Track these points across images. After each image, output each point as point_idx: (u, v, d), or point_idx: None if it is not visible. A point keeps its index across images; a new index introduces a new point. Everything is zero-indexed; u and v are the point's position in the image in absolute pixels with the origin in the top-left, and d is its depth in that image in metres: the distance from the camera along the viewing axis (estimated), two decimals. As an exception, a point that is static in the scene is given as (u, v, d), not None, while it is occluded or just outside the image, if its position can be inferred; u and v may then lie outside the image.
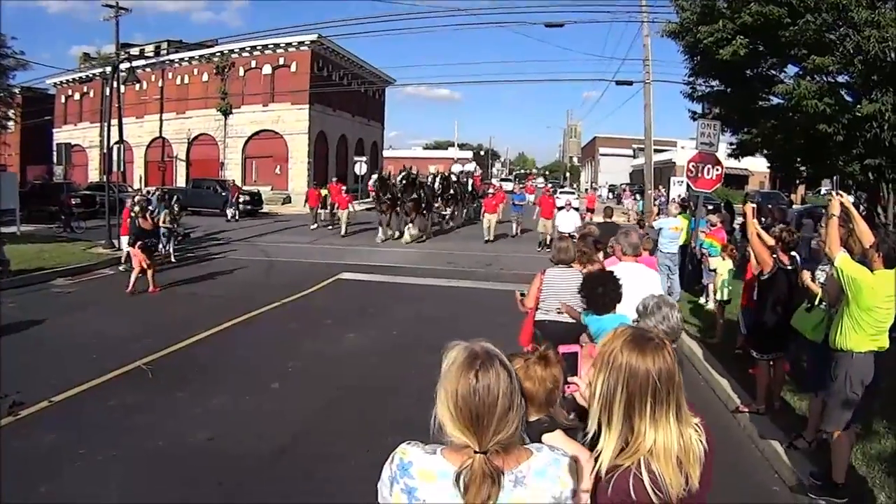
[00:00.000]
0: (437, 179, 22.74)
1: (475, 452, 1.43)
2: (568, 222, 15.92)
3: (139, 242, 10.95)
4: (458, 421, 1.44)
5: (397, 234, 20.06)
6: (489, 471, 1.41)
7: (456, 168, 30.36)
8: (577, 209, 18.11)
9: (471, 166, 32.77)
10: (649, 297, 2.87)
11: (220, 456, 4.83)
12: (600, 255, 6.28)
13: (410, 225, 19.41)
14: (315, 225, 23.42)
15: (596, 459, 1.57)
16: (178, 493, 4.27)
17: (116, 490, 4.28)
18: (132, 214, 11.81)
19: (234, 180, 31.70)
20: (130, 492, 4.27)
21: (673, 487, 1.49)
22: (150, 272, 11.00)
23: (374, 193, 19.69)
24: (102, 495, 4.21)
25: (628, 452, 1.53)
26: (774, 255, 5.58)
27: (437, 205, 23.10)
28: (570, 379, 1.79)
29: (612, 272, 3.99)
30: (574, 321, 4.54)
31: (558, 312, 4.83)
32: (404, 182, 19.18)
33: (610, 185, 51.16)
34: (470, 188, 27.37)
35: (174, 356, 7.44)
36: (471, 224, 24.95)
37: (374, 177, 19.74)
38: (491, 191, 23.64)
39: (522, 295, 5.30)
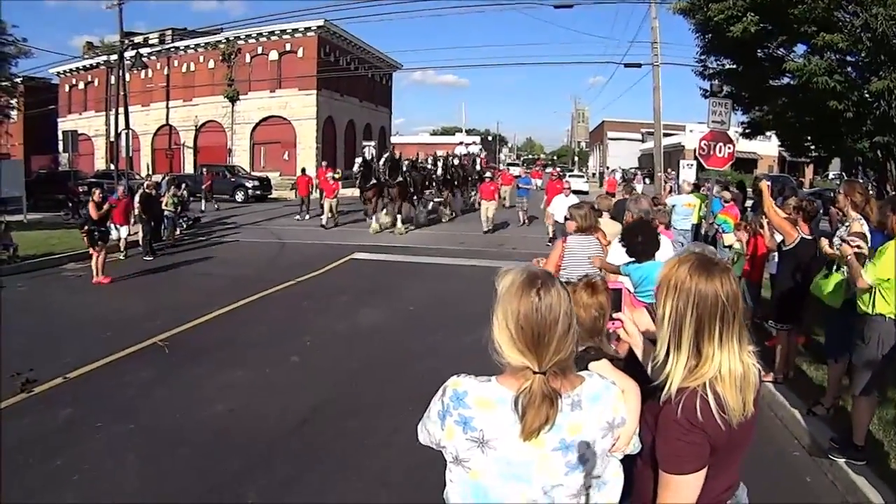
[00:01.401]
0: (440, 163, 21.46)
1: (534, 373, 1.41)
2: (564, 209, 14.31)
3: (85, 228, 10.74)
4: (518, 341, 1.43)
5: (389, 221, 18.21)
6: (548, 392, 1.41)
7: (460, 150, 29.27)
8: (583, 192, 17.51)
9: (475, 147, 31.89)
10: (691, 244, 2.93)
11: (242, 426, 4.85)
12: (605, 218, 6.37)
13: (386, 210, 17.93)
14: (299, 216, 21.39)
15: (659, 385, 1.58)
16: (199, 463, 4.28)
17: (135, 461, 4.27)
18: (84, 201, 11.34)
19: (205, 168, 28.98)
20: (150, 463, 4.26)
21: (735, 411, 1.52)
22: (95, 259, 10.52)
23: (357, 179, 17.92)
24: (120, 467, 4.20)
25: (695, 374, 1.55)
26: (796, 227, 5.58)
27: (429, 191, 21.48)
28: (614, 315, 1.79)
29: (649, 221, 4.04)
30: None
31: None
32: (388, 166, 17.43)
33: (623, 171, 50.34)
34: (478, 168, 26.20)
35: (190, 333, 7.47)
36: (473, 211, 23.15)
37: (358, 160, 17.68)
38: (488, 175, 21.15)
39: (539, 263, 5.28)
